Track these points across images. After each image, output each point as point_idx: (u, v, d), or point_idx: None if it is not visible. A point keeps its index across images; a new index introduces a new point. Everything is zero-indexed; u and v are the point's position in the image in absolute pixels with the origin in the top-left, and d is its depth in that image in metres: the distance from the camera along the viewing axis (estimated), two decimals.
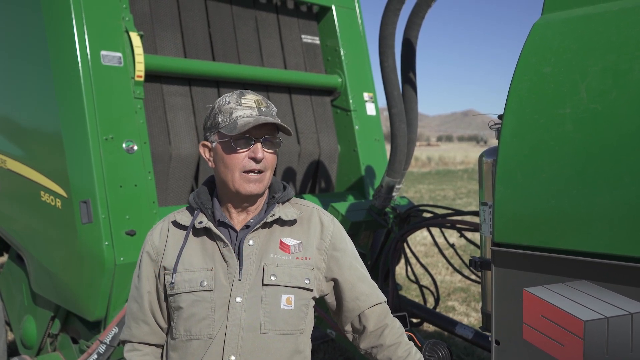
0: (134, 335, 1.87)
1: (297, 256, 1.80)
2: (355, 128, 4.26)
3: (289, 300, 1.76)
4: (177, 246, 1.80)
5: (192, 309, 1.74)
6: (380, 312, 1.91)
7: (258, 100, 1.77)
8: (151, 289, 1.83)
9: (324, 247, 1.85)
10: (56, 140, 3.18)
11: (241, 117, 1.72)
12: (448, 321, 3.44)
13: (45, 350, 3.70)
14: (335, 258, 1.86)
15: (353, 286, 1.88)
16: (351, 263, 1.89)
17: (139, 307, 1.85)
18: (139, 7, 3.49)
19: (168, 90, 3.56)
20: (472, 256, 2.48)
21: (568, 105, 1.85)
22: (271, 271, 1.75)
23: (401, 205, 3.82)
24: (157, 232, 1.87)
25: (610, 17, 1.87)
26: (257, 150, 1.73)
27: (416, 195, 18.51)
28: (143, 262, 1.85)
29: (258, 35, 4.08)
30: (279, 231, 1.82)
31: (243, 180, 1.74)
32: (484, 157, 2.44)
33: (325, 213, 1.93)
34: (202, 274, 1.75)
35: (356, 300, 1.88)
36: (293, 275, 1.77)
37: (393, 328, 1.91)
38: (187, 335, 1.75)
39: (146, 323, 1.85)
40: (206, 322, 1.73)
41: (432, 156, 47.75)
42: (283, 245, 1.80)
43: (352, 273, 1.88)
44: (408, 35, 3.50)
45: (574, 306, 1.79)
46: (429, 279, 3.86)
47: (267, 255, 1.77)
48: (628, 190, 1.71)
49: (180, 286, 1.76)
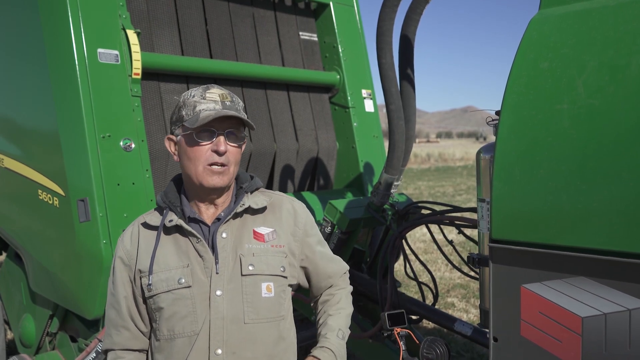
0: (115, 343, 1.85)
1: (272, 244, 1.82)
2: (354, 125, 4.25)
3: (269, 288, 1.78)
4: (149, 248, 1.79)
5: (172, 307, 1.73)
6: (344, 278, 2.08)
7: (223, 94, 1.76)
8: (127, 294, 1.82)
9: (298, 233, 1.89)
10: (53, 139, 3.17)
11: (204, 110, 1.72)
12: (447, 318, 3.43)
13: (44, 349, 3.70)
14: (308, 244, 1.92)
15: (325, 267, 1.98)
16: (320, 246, 1.98)
17: (117, 313, 1.83)
18: (136, 4, 3.48)
19: (165, 88, 3.55)
20: (470, 253, 2.47)
21: (565, 101, 1.85)
22: (249, 261, 1.76)
23: (399, 202, 3.81)
24: (127, 236, 1.85)
25: (607, 12, 1.86)
26: (220, 143, 1.72)
27: (415, 192, 18.51)
28: (116, 268, 1.84)
29: (256, 33, 4.07)
30: (251, 221, 1.83)
31: (206, 173, 1.73)
32: (481, 154, 2.43)
33: (296, 201, 1.96)
34: (179, 272, 1.75)
35: (328, 278, 1.99)
36: (270, 264, 1.80)
37: (337, 287, 2.04)
38: (171, 334, 1.74)
39: (126, 329, 1.83)
40: (188, 319, 1.73)
41: (431, 153, 47.77)
42: (257, 235, 1.81)
43: (323, 256, 1.97)
44: (406, 32, 3.48)
45: (572, 302, 1.79)
46: (428, 275, 3.85)
47: (242, 246, 1.78)
48: (626, 186, 1.70)
49: (158, 286, 1.75)
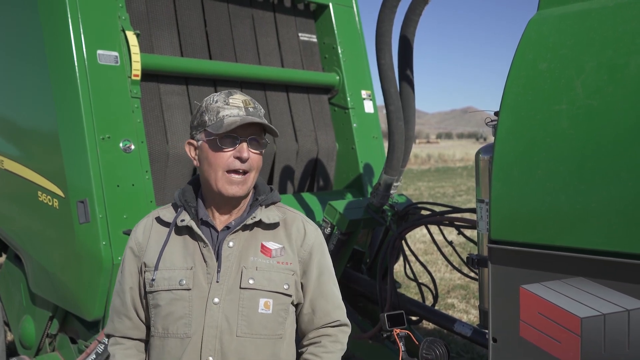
0: (116, 330, 1.87)
1: (279, 260, 1.78)
2: (354, 126, 4.25)
3: (267, 305, 1.74)
4: (159, 243, 1.80)
5: (170, 307, 1.74)
6: (332, 332, 1.87)
7: (246, 100, 1.76)
8: (133, 285, 1.84)
9: (302, 255, 1.83)
10: (53, 140, 3.18)
11: (228, 116, 1.72)
12: (446, 319, 3.43)
13: (44, 351, 3.70)
14: (308, 268, 1.84)
15: (314, 301, 1.84)
16: (320, 277, 1.85)
17: (122, 302, 1.85)
18: (135, 6, 3.48)
19: (165, 89, 3.56)
20: (470, 253, 2.47)
21: (564, 101, 1.85)
22: (250, 275, 1.74)
23: (399, 203, 3.81)
24: (141, 227, 1.87)
25: (606, 13, 1.86)
26: (243, 150, 1.72)
27: (416, 193, 18.51)
28: (126, 257, 1.86)
29: (255, 34, 4.07)
30: (261, 234, 1.81)
31: (225, 180, 1.73)
32: (480, 154, 2.43)
33: (310, 222, 1.90)
34: (182, 273, 1.75)
35: (312, 314, 1.85)
36: (272, 280, 1.75)
37: (325, 349, 1.83)
38: (165, 333, 1.76)
39: (128, 317, 1.85)
40: (183, 321, 1.73)
41: (431, 153, 47.77)
42: (264, 249, 1.78)
43: (318, 287, 1.85)
44: (405, 32, 3.48)
45: (571, 303, 1.79)
46: (428, 276, 3.85)
47: (246, 258, 1.76)
48: (625, 186, 1.70)
49: (159, 284, 1.76)
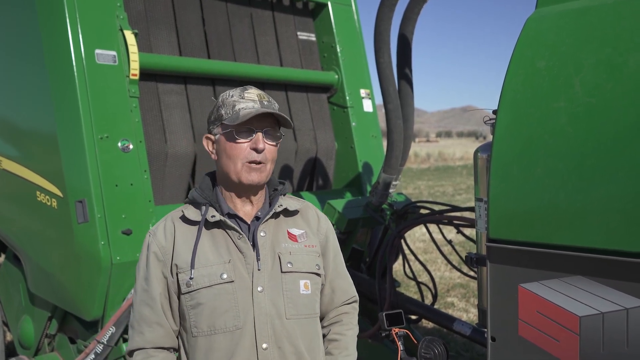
0: (148, 341, 1.82)
1: (305, 244, 1.88)
2: (352, 125, 4.24)
3: (306, 285, 1.84)
4: (187, 243, 1.80)
5: (213, 303, 1.75)
6: (349, 310, 2.02)
7: (260, 94, 1.83)
8: (162, 290, 1.82)
9: (320, 238, 1.94)
10: (51, 140, 3.17)
11: (243, 108, 1.78)
12: (446, 317, 3.43)
13: (43, 351, 3.69)
14: (326, 249, 1.96)
15: (332, 280, 1.97)
16: (335, 258, 1.99)
17: (152, 310, 1.81)
18: (134, 5, 3.48)
19: (163, 88, 3.55)
20: (469, 252, 2.47)
21: (562, 99, 1.84)
22: (287, 259, 1.82)
23: (398, 201, 3.81)
24: (160, 231, 1.85)
25: (604, 10, 1.86)
26: (259, 140, 1.78)
27: (415, 192, 18.51)
28: (150, 263, 1.82)
29: (253, 33, 4.07)
30: (284, 222, 1.90)
31: (245, 170, 1.78)
32: (479, 153, 2.43)
33: (319, 210, 2.03)
34: (221, 267, 1.77)
35: (332, 292, 1.97)
36: (305, 262, 1.85)
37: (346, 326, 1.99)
38: (211, 330, 1.75)
39: (160, 325, 1.82)
40: (230, 314, 1.74)
41: (431, 152, 47.77)
42: (290, 235, 1.88)
43: (335, 267, 1.98)
44: (403, 31, 3.48)
45: (570, 302, 1.78)
46: (428, 275, 3.85)
47: (279, 245, 1.84)
48: (624, 184, 1.70)
49: (199, 281, 1.76)
